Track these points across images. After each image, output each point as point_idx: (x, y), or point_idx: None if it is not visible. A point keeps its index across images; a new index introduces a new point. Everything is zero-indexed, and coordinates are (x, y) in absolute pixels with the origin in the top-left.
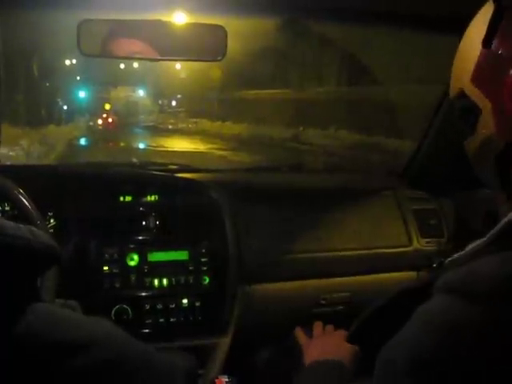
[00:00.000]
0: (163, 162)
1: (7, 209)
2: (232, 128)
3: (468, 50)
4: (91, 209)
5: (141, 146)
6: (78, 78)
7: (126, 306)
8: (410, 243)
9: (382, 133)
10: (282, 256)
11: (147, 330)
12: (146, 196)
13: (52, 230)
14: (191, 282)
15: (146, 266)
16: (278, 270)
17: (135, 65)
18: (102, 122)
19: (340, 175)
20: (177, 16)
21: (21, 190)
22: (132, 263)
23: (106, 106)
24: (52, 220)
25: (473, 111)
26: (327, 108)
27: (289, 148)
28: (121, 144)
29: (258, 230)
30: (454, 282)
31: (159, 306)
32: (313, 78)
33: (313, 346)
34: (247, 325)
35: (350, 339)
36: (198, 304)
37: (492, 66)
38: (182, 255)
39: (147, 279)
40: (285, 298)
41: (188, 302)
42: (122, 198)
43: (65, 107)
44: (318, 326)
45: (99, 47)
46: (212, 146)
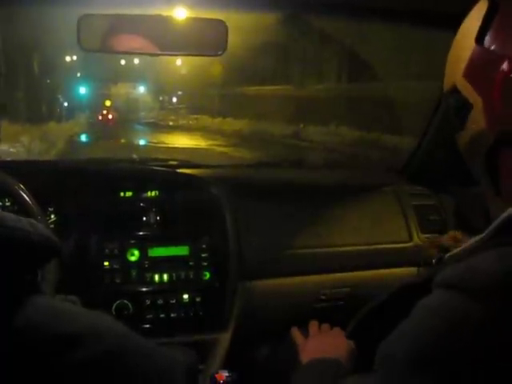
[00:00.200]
0: (164, 157)
1: (8, 204)
2: (233, 124)
3: (461, 46)
4: (92, 204)
5: (141, 142)
6: (79, 74)
7: (126, 302)
8: (410, 239)
9: (383, 129)
10: (283, 252)
11: (148, 326)
12: (147, 192)
13: (52, 226)
14: (191, 277)
15: (146, 262)
16: (279, 265)
17: (136, 61)
18: (102, 118)
19: (340, 171)
20: (177, 11)
21: (21, 185)
22: (132, 258)
23: (107, 103)
24: (52, 215)
25: (464, 106)
26: (328, 105)
27: (289, 144)
28: (121, 141)
29: (259, 226)
30: (452, 278)
31: (160, 302)
32: (313, 75)
33: (309, 345)
34: (247, 320)
35: (350, 335)
36: (198, 299)
37: (484, 62)
38: (182, 251)
39: (148, 274)
40: (285, 293)
41: (188, 297)
42: (122, 194)
43: (65, 104)
44: (314, 325)
45: (99, 42)
46: (213, 142)
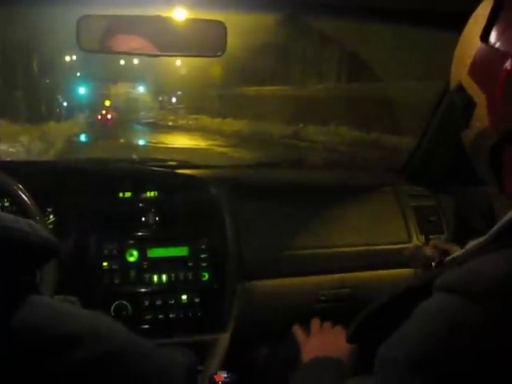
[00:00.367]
0: (163, 158)
1: (7, 204)
2: (232, 125)
3: (467, 44)
4: (91, 205)
5: (141, 142)
6: (78, 74)
7: (125, 302)
8: (410, 240)
9: (382, 129)
10: (282, 252)
11: (146, 326)
12: (146, 192)
13: (51, 226)
14: (191, 278)
15: (145, 262)
16: (278, 266)
17: (135, 61)
18: (101, 117)
19: (340, 171)
20: (176, 11)
21: (20, 185)
22: (131, 259)
23: (106, 103)
24: (51, 216)
25: (469, 104)
26: (327, 105)
27: (289, 145)
28: (121, 140)
29: (258, 227)
30: (453, 282)
31: (158, 302)
32: (313, 75)
33: (311, 343)
34: (247, 321)
35: (350, 338)
36: (197, 300)
37: (488, 60)
38: (181, 251)
39: (146, 275)
40: (284, 294)
41: (187, 298)
42: (121, 194)
43: (65, 104)
44: (316, 323)
45: (99, 43)
46: (212, 142)
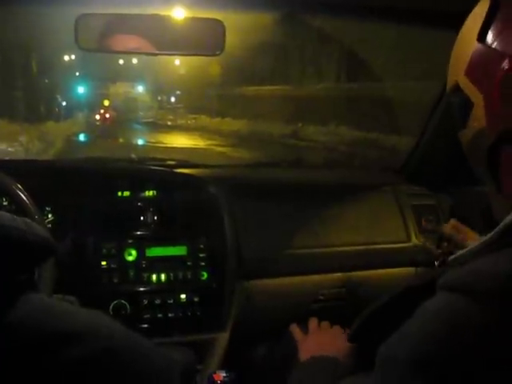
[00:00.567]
0: (162, 157)
1: (5, 204)
2: (231, 124)
3: (464, 44)
4: (89, 204)
5: (140, 142)
6: (77, 73)
7: (124, 302)
8: (409, 239)
9: (381, 129)
10: (281, 251)
11: (145, 326)
12: (145, 191)
13: (50, 225)
14: (189, 277)
15: (144, 262)
16: (277, 265)
17: (134, 61)
18: (100, 117)
19: (339, 171)
20: (175, 10)
21: (19, 185)
22: (130, 258)
23: (105, 102)
24: (50, 215)
25: (466, 105)
26: (326, 104)
27: (288, 144)
28: (120, 140)
29: (257, 226)
30: (455, 281)
31: (157, 302)
32: (312, 74)
33: (308, 342)
34: (245, 320)
35: (352, 338)
36: (196, 299)
37: (485, 60)
38: (180, 250)
39: (145, 274)
40: (283, 293)
41: (186, 297)
42: (120, 193)
43: (64, 103)
44: (314, 322)
45: (97, 42)
46: (211, 142)
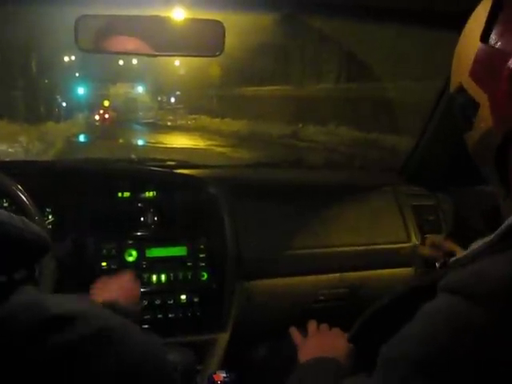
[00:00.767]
0: (162, 158)
1: (6, 205)
2: (231, 125)
3: (467, 45)
4: (89, 205)
5: (140, 142)
6: (77, 74)
7: None
8: (409, 239)
9: (381, 129)
10: (281, 252)
11: (146, 326)
12: (145, 192)
13: (50, 226)
14: (189, 277)
15: (144, 262)
16: (277, 265)
17: (134, 61)
18: (99, 117)
19: (339, 171)
20: (175, 11)
21: (19, 186)
22: (130, 259)
23: (105, 103)
24: (50, 216)
25: (471, 105)
26: (326, 105)
27: (288, 145)
28: (120, 140)
29: (257, 226)
30: (457, 283)
31: (157, 302)
32: (312, 75)
33: (308, 345)
34: (246, 321)
35: (353, 338)
36: (196, 300)
37: (489, 61)
38: (180, 251)
39: (145, 275)
40: (283, 293)
41: (186, 297)
42: (120, 194)
43: (64, 104)
44: (313, 325)
45: (97, 43)
46: (211, 142)
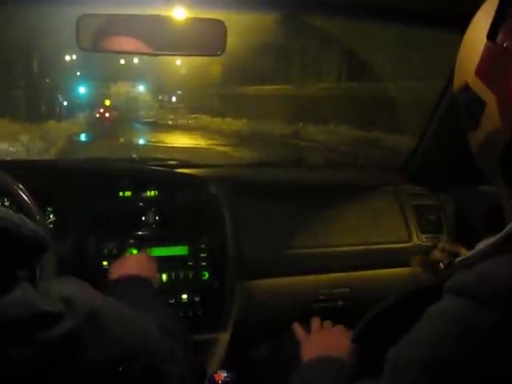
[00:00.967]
0: (163, 157)
1: (7, 204)
2: (232, 124)
3: (472, 43)
4: (91, 204)
5: (141, 141)
6: (78, 73)
7: None
8: (410, 239)
9: (382, 128)
10: (282, 251)
11: None
12: (146, 191)
13: (51, 226)
14: (190, 277)
15: None
16: (278, 265)
17: (135, 60)
18: (100, 115)
19: (340, 171)
20: (176, 11)
21: (20, 185)
22: None
23: (106, 102)
24: (51, 215)
25: (477, 105)
26: (327, 104)
27: (289, 144)
28: (121, 140)
29: (258, 226)
30: (463, 284)
31: None
32: (313, 74)
33: (311, 342)
34: (246, 320)
35: (356, 339)
36: (197, 299)
37: (497, 60)
38: (181, 250)
39: None
40: (284, 293)
41: (187, 297)
42: (121, 194)
43: (65, 103)
44: (316, 322)
45: (98, 42)
46: (212, 141)
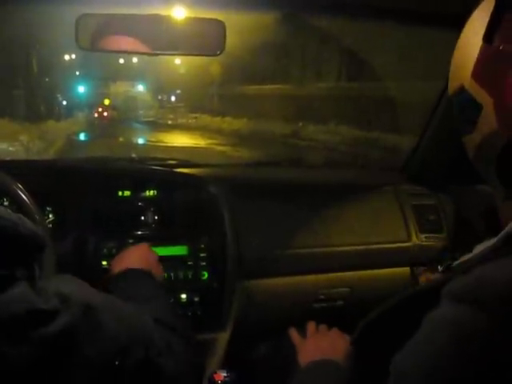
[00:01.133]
0: (162, 157)
1: (6, 204)
2: (232, 123)
3: (468, 45)
4: (90, 204)
5: (140, 141)
6: (78, 73)
7: None
8: (409, 239)
9: (382, 128)
10: (282, 251)
11: None
12: (145, 191)
13: (51, 225)
14: (190, 277)
15: None
16: (277, 265)
17: (134, 60)
18: (98, 115)
19: (339, 170)
20: (175, 10)
21: (20, 185)
22: None
23: (106, 102)
24: (51, 215)
25: (473, 107)
26: (327, 103)
27: (288, 143)
28: (120, 139)
29: (257, 225)
30: (461, 289)
31: None
32: (313, 74)
33: (307, 346)
34: (246, 320)
35: (356, 342)
36: (196, 299)
37: (494, 62)
38: (180, 250)
39: None
40: (284, 293)
41: (187, 297)
42: (120, 193)
43: (64, 102)
44: (312, 326)
45: (98, 42)
46: (212, 141)
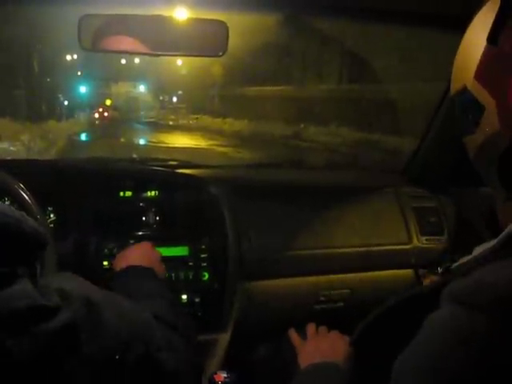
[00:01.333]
0: (164, 157)
1: (7, 203)
2: (233, 125)
3: (471, 46)
4: (91, 204)
5: (141, 141)
6: (79, 73)
7: None
8: (410, 241)
9: (383, 130)
10: (282, 252)
11: None
12: (146, 192)
13: (52, 225)
14: (191, 277)
15: None
16: (278, 266)
17: (136, 60)
18: (98, 115)
19: (340, 172)
20: (178, 11)
21: (21, 184)
22: None
23: (107, 102)
24: (52, 215)
25: (476, 108)
26: (328, 105)
27: (290, 145)
28: (121, 140)
29: (258, 227)
30: (461, 291)
31: None
32: (314, 75)
33: (307, 348)
34: (247, 321)
35: (355, 343)
36: (197, 300)
37: (497, 63)
38: (181, 251)
39: None
40: (284, 294)
41: (187, 297)
42: (122, 194)
43: (65, 102)
44: (312, 328)
45: (100, 42)
46: (213, 142)
